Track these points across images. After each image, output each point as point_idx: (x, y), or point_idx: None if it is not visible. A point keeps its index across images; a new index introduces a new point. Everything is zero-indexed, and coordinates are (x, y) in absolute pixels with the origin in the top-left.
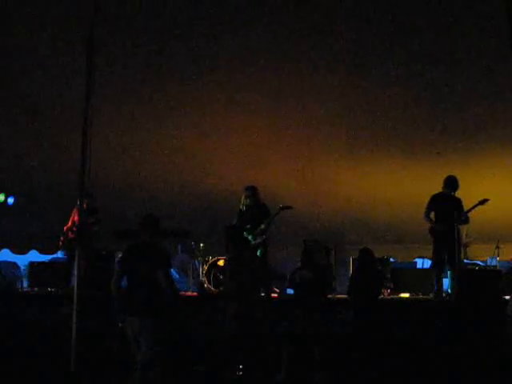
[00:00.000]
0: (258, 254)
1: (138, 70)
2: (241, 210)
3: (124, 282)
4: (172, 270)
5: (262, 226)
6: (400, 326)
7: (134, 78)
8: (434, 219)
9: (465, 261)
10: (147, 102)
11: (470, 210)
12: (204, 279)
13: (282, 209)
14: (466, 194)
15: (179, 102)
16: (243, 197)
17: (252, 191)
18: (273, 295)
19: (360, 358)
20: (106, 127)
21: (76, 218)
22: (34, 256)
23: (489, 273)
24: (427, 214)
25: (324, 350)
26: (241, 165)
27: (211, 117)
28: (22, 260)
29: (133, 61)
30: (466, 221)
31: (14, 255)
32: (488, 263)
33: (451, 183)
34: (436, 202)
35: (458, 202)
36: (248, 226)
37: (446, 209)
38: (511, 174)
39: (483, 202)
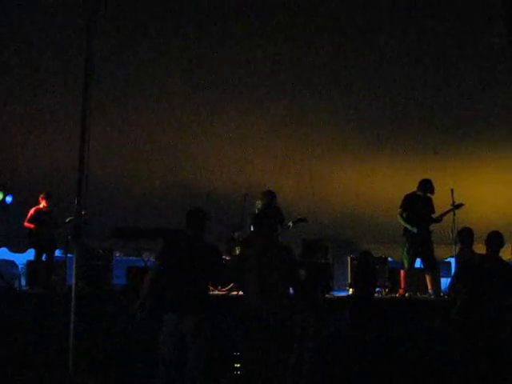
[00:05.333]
0: None
1: (137, 68)
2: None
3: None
4: None
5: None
6: (398, 325)
7: (134, 75)
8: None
9: None
10: (146, 101)
11: (444, 214)
12: None
13: (299, 221)
14: (462, 193)
15: (178, 101)
16: (259, 200)
17: (268, 195)
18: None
19: (357, 357)
20: (104, 126)
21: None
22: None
23: None
24: (401, 214)
25: (314, 353)
26: (238, 165)
27: (209, 116)
28: (20, 259)
29: (132, 59)
30: (437, 222)
31: (12, 254)
32: None
33: (426, 186)
34: (410, 202)
35: (430, 202)
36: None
37: (420, 210)
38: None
39: (458, 206)
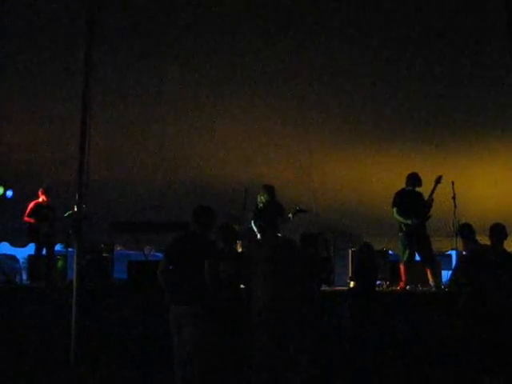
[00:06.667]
0: None
1: (138, 61)
2: (257, 208)
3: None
4: None
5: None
6: (399, 318)
7: (135, 69)
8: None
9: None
10: (146, 95)
11: (431, 194)
12: None
13: (298, 211)
14: (463, 186)
15: (179, 95)
16: (260, 194)
17: (269, 189)
18: None
19: (358, 351)
20: (105, 120)
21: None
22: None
23: None
24: (396, 212)
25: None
26: (239, 158)
27: (210, 111)
28: (22, 253)
29: (132, 56)
30: (430, 204)
31: (13, 248)
32: None
33: (414, 180)
34: (401, 198)
35: (420, 196)
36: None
37: (411, 204)
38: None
39: (439, 180)
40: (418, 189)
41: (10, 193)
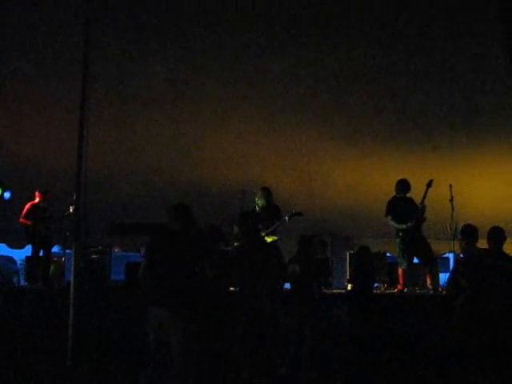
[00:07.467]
0: None
1: (135, 61)
2: (254, 210)
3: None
4: None
5: (273, 227)
6: (396, 320)
7: (133, 72)
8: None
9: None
10: (143, 98)
11: (424, 198)
12: None
13: (295, 214)
14: (461, 189)
15: (177, 97)
16: (257, 197)
17: (267, 192)
18: None
19: (356, 353)
20: (103, 122)
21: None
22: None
23: None
24: (391, 218)
25: (310, 346)
26: (238, 160)
27: (209, 113)
28: (19, 255)
29: (132, 56)
30: (423, 210)
31: (10, 250)
32: None
33: (403, 186)
34: (392, 206)
35: (411, 202)
36: (260, 226)
37: (404, 210)
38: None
39: (430, 184)
40: (408, 194)
41: (7, 194)
